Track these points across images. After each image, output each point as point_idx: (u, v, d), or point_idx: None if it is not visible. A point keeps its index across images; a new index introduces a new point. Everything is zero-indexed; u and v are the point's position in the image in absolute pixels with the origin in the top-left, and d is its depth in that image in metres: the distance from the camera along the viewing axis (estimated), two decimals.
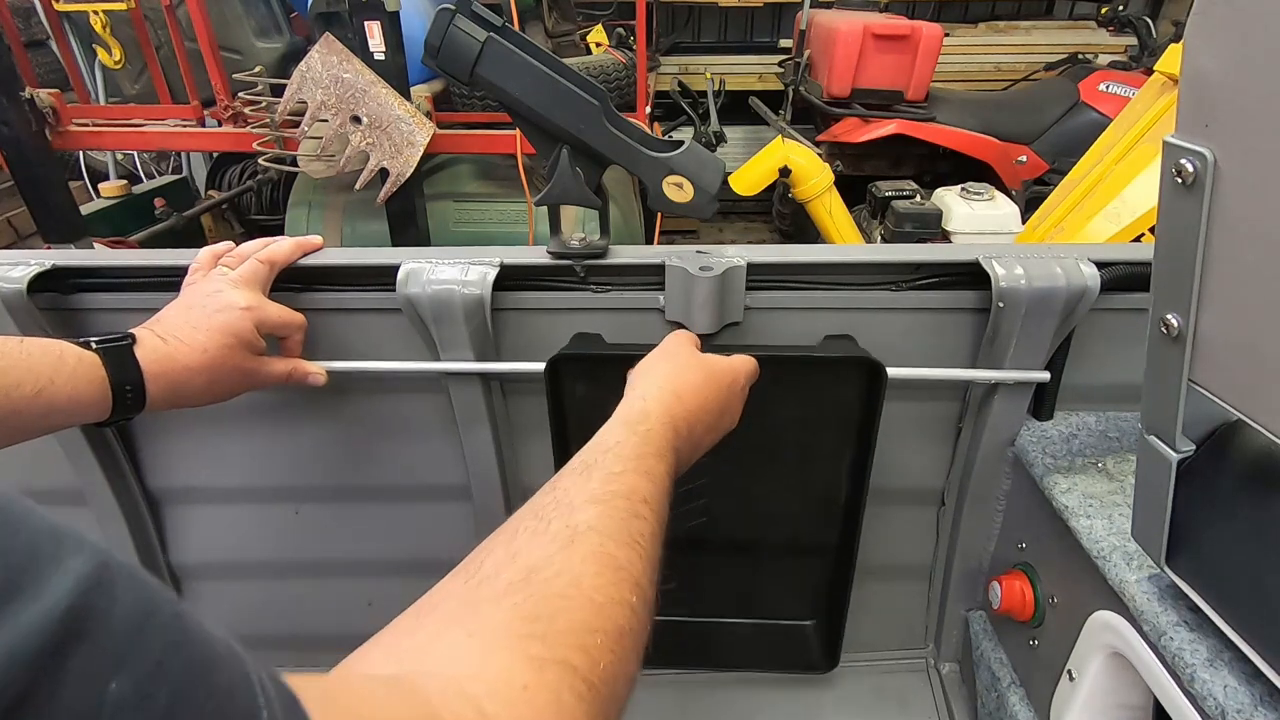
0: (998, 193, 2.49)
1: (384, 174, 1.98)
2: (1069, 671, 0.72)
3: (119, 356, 0.58)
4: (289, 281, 0.73)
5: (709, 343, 0.76)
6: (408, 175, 1.98)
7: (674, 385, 0.57)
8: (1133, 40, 3.19)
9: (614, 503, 0.42)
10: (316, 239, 0.74)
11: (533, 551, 0.38)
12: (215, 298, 0.65)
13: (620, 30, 3.20)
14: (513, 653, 0.32)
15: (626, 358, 0.77)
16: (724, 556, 0.91)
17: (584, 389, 0.77)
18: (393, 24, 1.84)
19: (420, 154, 1.96)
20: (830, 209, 2.67)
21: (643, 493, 0.45)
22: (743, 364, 0.65)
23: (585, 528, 0.40)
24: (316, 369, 0.73)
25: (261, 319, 0.66)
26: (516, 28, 0.67)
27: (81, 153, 3.05)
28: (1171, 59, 1.87)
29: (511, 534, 0.39)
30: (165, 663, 0.18)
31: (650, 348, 0.77)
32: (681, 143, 0.67)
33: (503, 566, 0.37)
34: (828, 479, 0.82)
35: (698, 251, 0.73)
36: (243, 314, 0.64)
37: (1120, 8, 3.17)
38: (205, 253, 0.71)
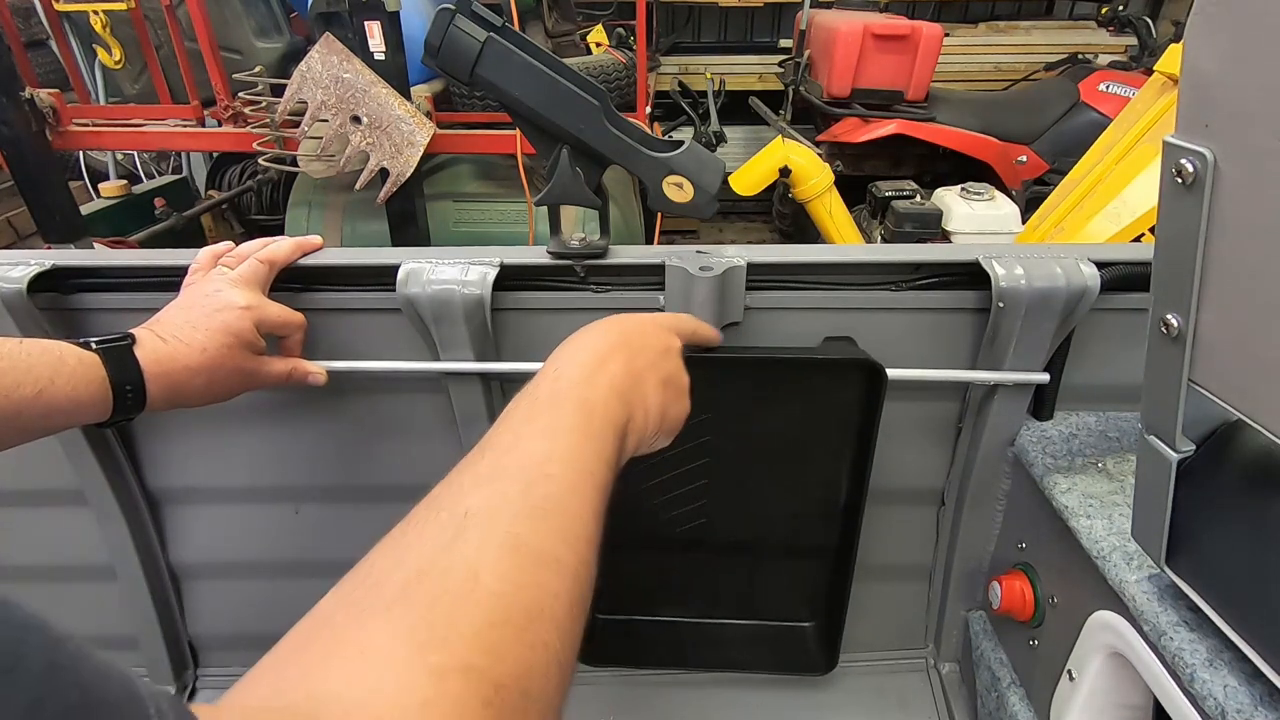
0: (998, 193, 2.49)
1: (384, 174, 1.98)
2: (1069, 671, 0.72)
3: (119, 356, 0.58)
4: (289, 281, 0.73)
5: None
6: (408, 175, 1.98)
7: (581, 342, 0.52)
8: (1133, 40, 3.19)
9: (504, 480, 0.39)
10: (316, 239, 0.74)
11: (423, 548, 0.35)
12: (214, 297, 0.65)
13: (620, 30, 3.20)
14: (409, 667, 0.29)
15: None
16: (723, 557, 0.91)
17: None
18: (393, 24, 1.84)
19: (420, 154, 1.96)
20: (830, 209, 2.67)
21: (541, 453, 0.40)
22: (672, 318, 0.61)
23: (476, 511, 0.36)
24: (316, 369, 0.73)
25: (261, 318, 0.66)
26: (516, 28, 0.66)
27: (81, 153, 3.05)
28: (1171, 59, 1.87)
29: (401, 532, 0.37)
30: (43, 697, 0.17)
31: None
32: (681, 143, 0.67)
33: (392, 570, 0.34)
34: (827, 480, 0.82)
35: (698, 251, 0.73)
36: (242, 313, 0.64)
37: (1120, 8, 3.17)
38: (205, 253, 0.71)
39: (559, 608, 0.35)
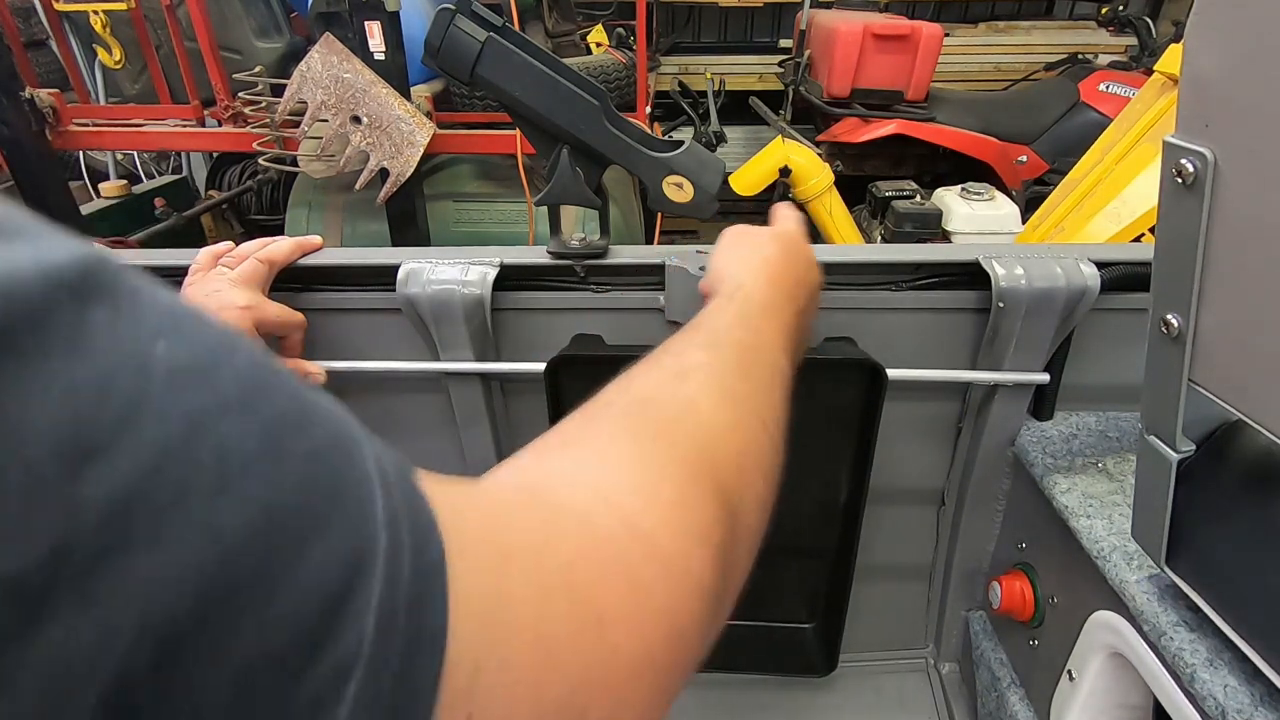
0: (998, 193, 2.49)
1: (384, 174, 1.97)
2: (1069, 671, 0.72)
3: None
4: (289, 281, 0.73)
5: None
6: (408, 175, 1.97)
7: (761, 256, 0.56)
8: (1133, 40, 3.19)
9: (722, 350, 0.42)
10: (316, 239, 0.74)
11: (646, 385, 0.38)
12: (214, 297, 0.65)
13: (620, 30, 3.20)
14: (648, 466, 0.30)
15: (627, 359, 0.77)
16: None
17: (584, 390, 0.77)
18: (393, 24, 1.84)
19: (420, 154, 1.96)
20: (830, 209, 2.66)
21: (750, 343, 0.44)
22: (794, 217, 0.65)
23: (696, 366, 0.39)
24: (316, 369, 0.73)
25: (260, 318, 0.66)
26: (516, 28, 0.66)
27: (81, 153, 3.05)
28: (1171, 59, 1.86)
29: (625, 377, 0.39)
30: (254, 402, 0.17)
31: (650, 348, 0.77)
32: (681, 143, 0.67)
33: (616, 397, 0.37)
34: (827, 481, 0.82)
35: (698, 251, 0.73)
36: (241, 313, 0.64)
37: (1120, 8, 3.17)
38: (205, 253, 0.71)
39: (765, 455, 0.37)
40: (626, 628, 0.24)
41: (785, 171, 2.63)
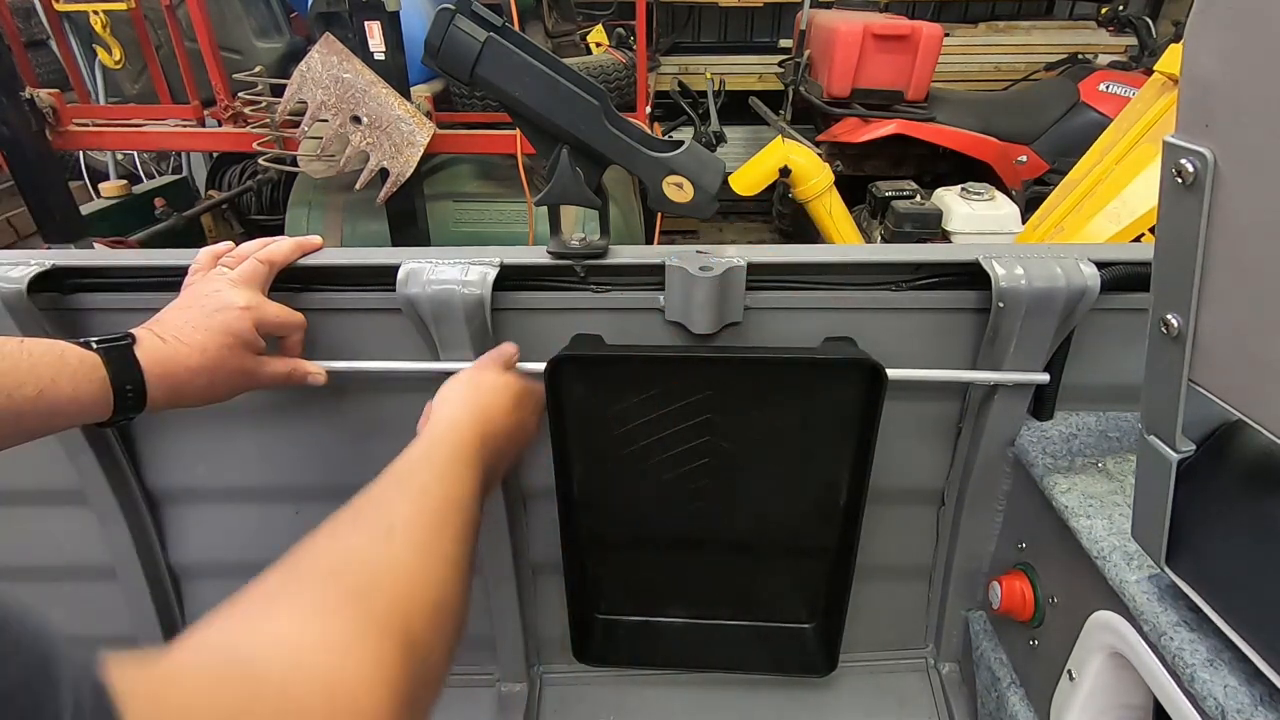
0: (998, 193, 2.49)
1: (384, 174, 1.97)
2: (1069, 671, 0.72)
3: (119, 356, 0.58)
4: (289, 281, 0.73)
5: (709, 342, 0.76)
6: (408, 175, 1.97)
7: (474, 402, 0.64)
8: (1133, 40, 3.18)
9: (426, 502, 0.48)
10: (316, 239, 0.74)
11: (351, 541, 0.42)
12: (214, 297, 0.65)
13: (620, 30, 3.19)
14: (345, 627, 0.34)
15: (627, 359, 0.77)
16: (723, 558, 0.91)
17: (584, 390, 0.77)
18: (393, 24, 1.84)
19: (420, 154, 1.96)
20: (830, 209, 2.67)
21: (453, 496, 0.50)
22: (537, 386, 0.72)
23: (401, 523, 0.44)
24: (316, 369, 0.73)
25: (260, 318, 0.66)
26: (516, 28, 0.67)
27: (81, 153, 3.05)
28: (1171, 59, 1.86)
29: (330, 531, 0.43)
30: None
31: (651, 348, 0.77)
32: (681, 143, 0.67)
33: (323, 555, 0.40)
34: (827, 481, 0.82)
35: (698, 251, 0.73)
36: (241, 313, 0.64)
37: (1120, 8, 3.17)
38: (205, 253, 0.71)
39: (455, 609, 0.43)
40: None
41: (785, 171, 2.63)
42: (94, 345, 0.57)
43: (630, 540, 0.90)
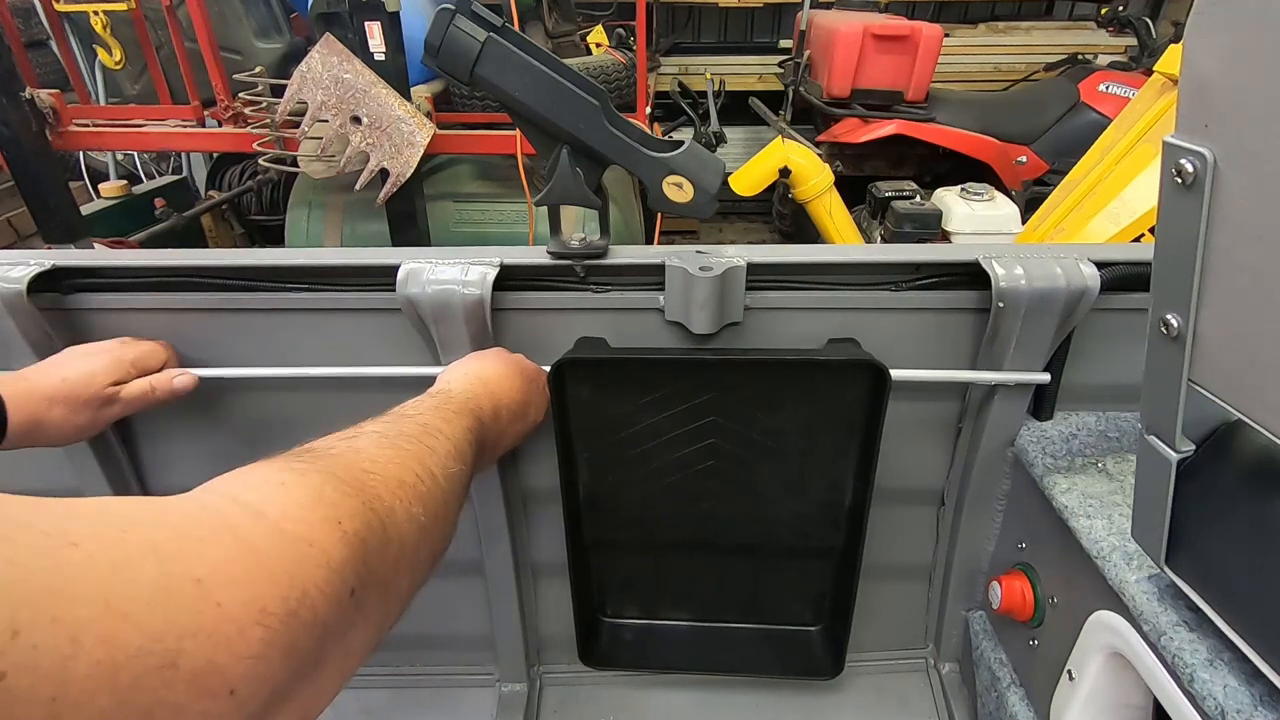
0: (998, 193, 2.49)
1: (384, 174, 1.97)
2: (1069, 671, 0.72)
3: None
4: (289, 281, 0.73)
5: (709, 343, 0.76)
6: (408, 175, 1.97)
7: (479, 371, 0.65)
8: (1133, 40, 3.19)
9: (402, 422, 0.49)
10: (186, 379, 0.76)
11: (318, 442, 0.43)
12: (73, 349, 0.69)
13: (620, 30, 3.20)
14: (277, 467, 0.35)
15: (631, 362, 0.77)
16: (728, 560, 0.91)
17: (588, 392, 0.77)
18: (393, 24, 1.84)
19: (420, 154, 1.96)
20: (830, 209, 2.66)
21: (436, 426, 0.50)
22: (545, 373, 0.73)
23: (369, 431, 0.46)
24: (182, 376, 0.73)
25: (119, 354, 0.69)
26: (516, 28, 0.67)
27: (81, 153, 3.05)
28: (1171, 59, 1.86)
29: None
30: None
31: (657, 351, 0.77)
32: (681, 143, 0.67)
33: (292, 450, 0.41)
34: (831, 482, 0.82)
35: (698, 251, 0.73)
36: (98, 348, 0.68)
37: (1120, 8, 3.17)
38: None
39: (428, 495, 0.43)
40: (232, 587, 0.28)
41: (785, 172, 2.63)
42: None
43: (635, 543, 0.90)
